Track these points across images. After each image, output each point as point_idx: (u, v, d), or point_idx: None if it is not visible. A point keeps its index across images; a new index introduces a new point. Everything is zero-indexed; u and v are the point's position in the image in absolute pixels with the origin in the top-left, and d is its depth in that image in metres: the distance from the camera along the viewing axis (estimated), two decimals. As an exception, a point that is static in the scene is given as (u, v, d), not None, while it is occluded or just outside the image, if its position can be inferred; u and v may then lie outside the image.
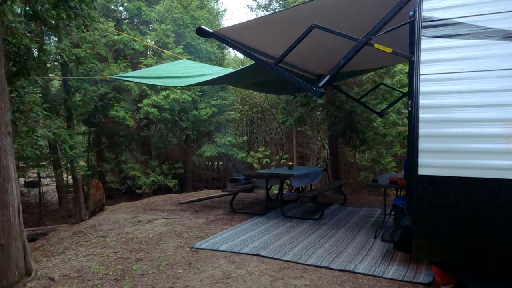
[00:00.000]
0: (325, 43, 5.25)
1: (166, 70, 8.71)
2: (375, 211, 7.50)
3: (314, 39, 4.54)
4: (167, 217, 6.97)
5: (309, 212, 7.30)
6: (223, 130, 14.83)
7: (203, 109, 13.81)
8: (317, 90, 3.69)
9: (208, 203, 8.57)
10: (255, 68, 6.97)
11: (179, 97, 12.54)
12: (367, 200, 9.05)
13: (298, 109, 11.47)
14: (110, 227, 6.60)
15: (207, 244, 5.01)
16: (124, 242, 5.42)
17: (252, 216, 6.87)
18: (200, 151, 14.80)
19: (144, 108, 12.23)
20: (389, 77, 10.29)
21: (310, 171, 7.44)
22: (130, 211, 7.72)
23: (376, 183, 5.44)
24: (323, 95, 3.69)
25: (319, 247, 4.91)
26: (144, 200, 9.40)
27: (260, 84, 8.89)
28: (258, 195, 9.87)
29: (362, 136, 10.40)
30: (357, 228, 5.97)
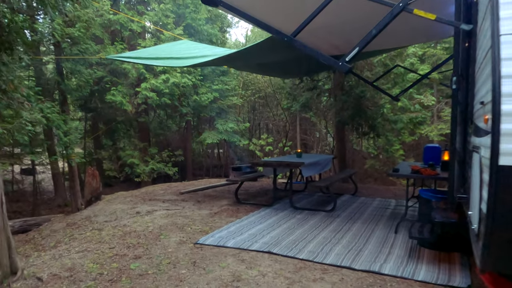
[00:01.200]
0: (344, 17, 4.71)
1: (165, 50, 8.15)
2: (389, 202, 7.04)
3: (333, 12, 4.01)
4: (168, 208, 6.50)
5: (320, 203, 6.84)
6: (225, 116, 14.28)
7: (204, 94, 13.23)
8: (344, 65, 3.17)
9: (210, 192, 8.10)
10: (261, 47, 6.42)
11: (179, 81, 11.95)
12: (378, 190, 8.59)
13: (304, 94, 10.93)
14: (106, 218, 6.13)
15: (212, 239, 4.54)
16: (121, 236, 4.95)
17: (258, 207, 6.40)
18: (201, 138, 14.28)
19: (142, 92, 11.66)
20: (400, 60, 9.73)
21: (320, 159, 6.95)
22: (128, 201, 7.25)
23: (397, 172, 4.94)
24: (350, 71, 3.16)
25: (336, 243, 4.44)
26: (143, 189, 8.93)
27: (265, 66, 8.34)
28: (262, 184, 9.41)
29: (372, 122, 9.89)
30: (374, 221, 5.51)
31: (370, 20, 3.32)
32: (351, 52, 3.16)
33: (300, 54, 7.19)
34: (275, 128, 17.15)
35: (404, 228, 5.04)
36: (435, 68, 6.78)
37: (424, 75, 6.93)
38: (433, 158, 5.89)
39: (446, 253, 4.11)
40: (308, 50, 3.30)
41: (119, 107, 11.79)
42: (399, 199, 7.30)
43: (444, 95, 13.82)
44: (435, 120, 13.39)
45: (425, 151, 6.03)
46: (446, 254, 4.08)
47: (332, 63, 3.20)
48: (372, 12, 3.53)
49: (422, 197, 4.53)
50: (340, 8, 3.97)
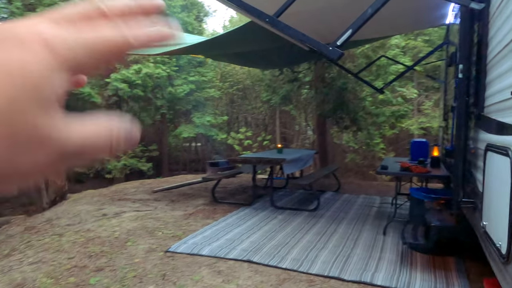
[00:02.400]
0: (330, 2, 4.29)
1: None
2: (374, 199, 6.75)
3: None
4: (138, 209, 5.97)
5: (302, 201, 6.47)
6: (202, 109, 13.71)
7: (180, 86, 12.61)
8: (335, 50, 2.74)
9: (186, 190, 7.60)
10: (239, 34, 5.95)
11: (152, 71, 11.30)
12: (361, 186, 8.31)
13: (284, 86, 10.51)
14: (69, 221, 5.56)
15: (185, 246, 4.08)
16: (83, 243, 4.42)
17: (237, 207, 5.96)
18: (176, 132, 13.68)
19: (113, 83, 10.95)
20: (383, 52, 9.44)
21: (302, 155, 6.57)
22: (95, 201, 6.67)
23: (386, 170, 4.60)
24: (341, 57, 2.73)
25: (322, 247, 4.06)
26: (113, 188, 8.33)
27: (243, 55, 7.86)
28: (241, 180, 8.97)
29: (354, 115, 9.59)
30: (360, 222, 5.17)
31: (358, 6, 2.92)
32: (343, 35, 2.74)
33: (281, 43, 6.76)
34: (254, 121, 16.70)
35: (392, 229, 4.73)
36: (422, 58, 6.49)
37: (410, 66, 6.62)
38: (421, 153, 5.59)
39: (440, 257, 3.80)
40: (292, 32, 2.85)
41: (87, 99, 11.05)
42: (384, 196, 7.02)
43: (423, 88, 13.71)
44: (415, 114, 13.28)
45: (412, 146, 5.73)
46: (440, 259, 3.77)
47: (321, 48, 2.77)
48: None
49: (413, 197, 4.19)
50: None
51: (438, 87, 14.54)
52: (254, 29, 5.63)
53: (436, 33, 13.13)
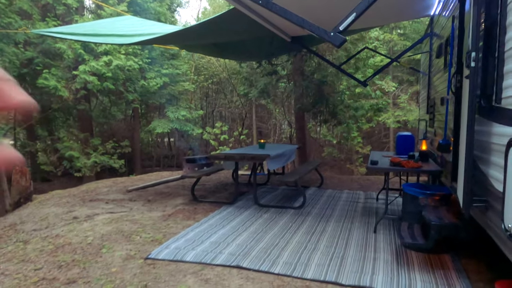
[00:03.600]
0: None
1: (106, 27, 7.03)
2: (358, 194, 6.62)
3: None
4: (112, 210, 5.55)
5: (286, 198, 6.24)
6: (176, 103, 13.21)
7: (153, 79, 12.06)
8: (337, 36, 2.49)
9: (162, 188, 7.21)
10: (217, 23, 5.60)
11: (123, 64, 10.71)
12: (342, 181, 8.19)
13: (262, 79, 10.23)
14: (35, 226, 5.09)
15: (167, 251, 3.75)
16: (52, 251, 3.99)
17: (219, 206, 5.66)
18: (150, 127, 13.14)
19: (81, 76, 10.28)
20: (363, 44, 9.32)
21: (285, 150, 6.33)
22: (64, 203, 6.18)
23: (376, 165, 4.42)
24: (344, 43, 2.48)
25: (313, 248, 3.84)
26: (83, 187, 7.82)
27: (221, 47, 7.51)
28: (220, 176, 8.65)
29: (333, 109, 9.46)
30: (348, 219, 5.00)
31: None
32: (346, 19, 2.48)
33: (261, 33, 6.47)
34: (230, 115, 16.34)
35: (383, 226, 4.58)
36: (406, 50, 6.37)
37: (393, 58, 6.49)
38: (407, 147, 5.49)
39: (435, 255, 3.67)
40: (289, 16, 2.57)
41: (53, 93, 10.35)
42: (367, 191, 6.92)
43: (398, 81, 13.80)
44: (391, 107, 13.35)
45: (398, 140, 5.60)
46: (435, 257, 3.63)
47: (322, 34, 2.50)
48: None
49: (406, 193, 4.04)
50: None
51: (413, 81, 14.71)
52: (233, 18, 5.32)
53: (411, 27, 13.22)
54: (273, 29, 5.88)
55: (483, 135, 2.55)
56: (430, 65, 6.10)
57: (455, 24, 3.94)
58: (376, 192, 6.63)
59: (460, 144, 2.76)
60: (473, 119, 2.36)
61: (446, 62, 4.50)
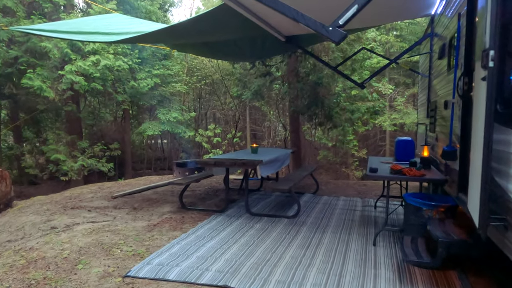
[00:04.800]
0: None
1: (91, 24, 6.68)
2: (355, 201, 6.32)
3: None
4: (94, 219, 5.21)
5: (280, 205, 5.93)
6: (168, 105, 12.85)
7: (143, 80, 11.70)
8: (336, 31, 2.19)
9: (150, 195, 6.87)
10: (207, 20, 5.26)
11: (112, 63, 10.35)
12: (338, 187, 7.90)
13: (255, 80, 9.93)
14: (10, 237, 4.74)
15: (149, 268, 3.41)
16: (23, 266, 3.65)
17: (208, 215, 5.34)
18: (140, 129, 12.76)
19: (67, 76, 9.90)
20: (359, 45, 9.06)
21: (279, 155, 6.02)
22: (44, 210, 5.82)
23: (375, 173, 4.13)
24: (344, 39, 2.17)
25: (308, 264, 3.53)
26: (67, 193, 7.45)
27: (212, 46, 7.18)
28: (211, 182, 8.32)
29: (329, 112, 9.18)
30: (346, 229, 4.70)
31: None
32: (346, 12, 2.18)
33: (255, 32, 6.16)
34: (223, 118, 16.02)
35: (382, 238, 4.29)
36: (405, 51, 6.10)
37: (392, 59, 6.23)
38: (407, 153, 5.20)
39: (441, 271, 3.38)
40: (283, 8, 2.26)
41: (39, 93, 9.96)
42: (365, 197, 6.63)
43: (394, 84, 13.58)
44: (387, 110, 13.12)
45: (398, 145, 5.31)
46: (441, 273, 3.34)
47: (319, 29, 2.20)
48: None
49: (409, 203, 3.74)
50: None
51: (409, 83, 14.50)
52: (225, 15, 5.00)
53: (408, 28, 13.00)
54: (266, 28, 5.57)
55: (500, 144, 2.26)
56: (430, 67, 5.84)
57: (461, 22, 3.67)
58: (373, 199, 6.35)
59: (473, 154, 2.47)
60: (491, 126, 2.07)
61: (450, 64, 4.23)
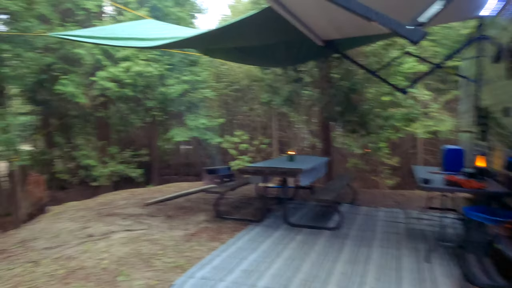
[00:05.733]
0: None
1: (126, 30, 6.68)
2: (396, 213, 6.01)
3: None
4: (130, 227, 5.11)
5: (317, 216, 5.69)
6: (196, 111, 12.82)
7: (172, 86, 11.71)
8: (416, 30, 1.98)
9: (182, 202, 6.76)
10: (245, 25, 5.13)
11: (143, 70, 10.39)
12: (375, 196, 7.58)
13: (286, 86, 9.74)
14: (47, 244, 4.69)
15: (193, 282, 3.26)
16: (63, 276, 3.56)
17: (245, 225, 5.16)
18: (169, 135, 12.75)
19: (99, 82, 10.00)
20: (395, 49, 8.75)
21: (316, 163, 5.80)
22: (79, 217, 5.78)
23: (429, 184, 3.85)
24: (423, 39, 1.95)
25: (361, 282, 3.30)
26: (100, 198, 7.43)
27: (246, 51, 7.04)
28: (242, 189, 8.12)
29: (363, 118, 8.88)
30: (393, 244, 4.41)
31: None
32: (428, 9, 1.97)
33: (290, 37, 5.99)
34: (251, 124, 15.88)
35: (436, 254, 3.99)
36: (449, 56, 5.79)
37: (437, 64, 5.91)
38: (456, 163, 4.89)
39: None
40: (353, 5, 2.07)
41: (71, 99, 10.08)
42: (406, 208, 6.29)
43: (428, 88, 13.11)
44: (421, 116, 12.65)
45: (446, 155, 5.00)
46: (509, 297, 3.03)
47: (396, 27, 2.00)
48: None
49: (470, 218, 3.45)
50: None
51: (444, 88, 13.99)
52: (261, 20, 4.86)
53: (442, 32, 12.55)
54: (305, 31, 5.39)
55: None
56: (480, 71, 5.51)
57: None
58: (415, 210, 6.03)
59: None
60: None
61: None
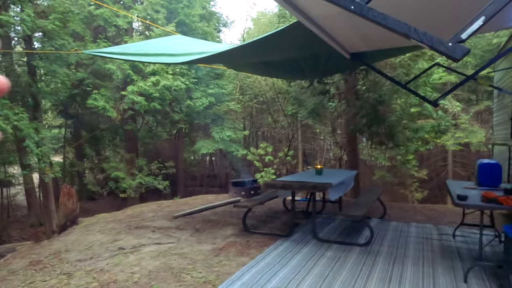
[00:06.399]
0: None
1: (155, 46, 6.86)
2: (428, 228, 5.82)
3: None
4: (159, 240, 5.16)
5: (347, 231, 5.58)
6: (221, 123, 12.95)
7: (199, 99, 11.90)
8: (458, 46, 1.91)
9: (210, 215, 6.78)
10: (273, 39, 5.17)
11: (170, 84, 10.61)
12: (404, 211, 7.38)
13: (312, 99, 9.71)
14: (80, 256, 4.79)
15: (223, 299, 3.24)
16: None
17: (274, 239, 5.11)
18: (195, 147, 12.92)
19: (129, 96, 10.28)
20: (425, 60, 8.60)
21: (345, 177, 5.71)
22: (110, 229, 5.90)
23: (465, 201, 3.71)
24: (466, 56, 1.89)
25: (396, 302, 3.18)
26: (129, 211, 7.57)
27: (272, 65, 7.08)
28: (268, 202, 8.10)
29: (391, 131, 8.71)
30: (428, 262, 4.26)
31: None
32: (470, 25, 1.91)
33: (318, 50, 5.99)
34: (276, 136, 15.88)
35: (473, 274, 3.82)
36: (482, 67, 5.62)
37: (469, 76, 5.76)
38: (493, 178, 4.70)
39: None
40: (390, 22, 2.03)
41: (102, 113, 10.40)
42: (438, 224, 6.09)
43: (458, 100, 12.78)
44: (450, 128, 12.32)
45: (481, 169, 4.81)
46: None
47: (436, 45, 1.94)
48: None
49: (510, 237, 3.30)
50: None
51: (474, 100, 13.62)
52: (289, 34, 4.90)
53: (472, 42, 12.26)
54: (333, 44, 5.37)
55: None
56: (516, 82, 5.33)
57: None
58: (449, 226, 5.83)
59: None
60: None
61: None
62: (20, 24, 7.09)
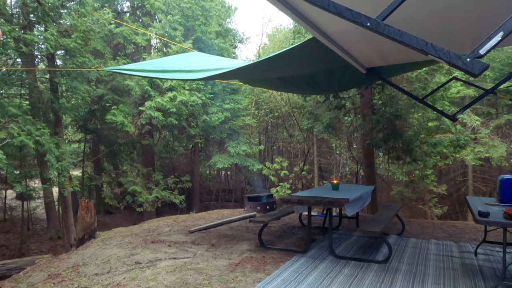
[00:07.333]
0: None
1: (173, 63, 7.00)
2: (449, 245, 5.67)
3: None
4: (175, 255, 5.17)
5: (364, 247, 5.49)
6: (236, 138, 13.02)
7: (215, 114, 12.02)
8: (476, 62, 1.91)
9: (225, 230, 6.77)
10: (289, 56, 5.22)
11: (187, 99, 10.77)
12: (423, 227, 7.21)
13: (328, 113, 9.70)
14: (97, 270, 4.83)
15: (239, 316, 3.21)
16: (113, 304, 3.63)
17: (289, 255, 5.06)
18: (211, 162, 12.99)
19: (147, 112, 10.47)
20: (442, 74, 8.52)
21: (362, 193, 5.64)
22: (126, 243, 5.94)
23: (487, 218, 3.61)
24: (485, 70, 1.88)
25: (416, 322, 3.09)
26: (145, 225, 7.62)
27: (288, 80, 7.13)
28: (284, 218, 8.05)
29: (409, 145, 8.60)
30: (448, 281, 4.14)
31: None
32: (488, 41, 1.91)
33: (333, 65, 6.02)
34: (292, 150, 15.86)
35: (498, 294, 3.70)
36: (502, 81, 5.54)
37: (488, 89, 5.68)
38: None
39: None
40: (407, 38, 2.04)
41: (120, 128, 10.60)
42: (458, 241, 5.93)
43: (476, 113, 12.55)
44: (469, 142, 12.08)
45: (503, 185, 4.69)
46: None
47: (454, 60, 1.94)
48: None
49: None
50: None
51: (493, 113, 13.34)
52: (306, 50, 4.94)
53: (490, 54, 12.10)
54: (349, 59, 5.39)
55: None
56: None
57: None
58: (470, 243, 5.66)
59: None
60: None
61: None
62: (44, 43, 7.37)
